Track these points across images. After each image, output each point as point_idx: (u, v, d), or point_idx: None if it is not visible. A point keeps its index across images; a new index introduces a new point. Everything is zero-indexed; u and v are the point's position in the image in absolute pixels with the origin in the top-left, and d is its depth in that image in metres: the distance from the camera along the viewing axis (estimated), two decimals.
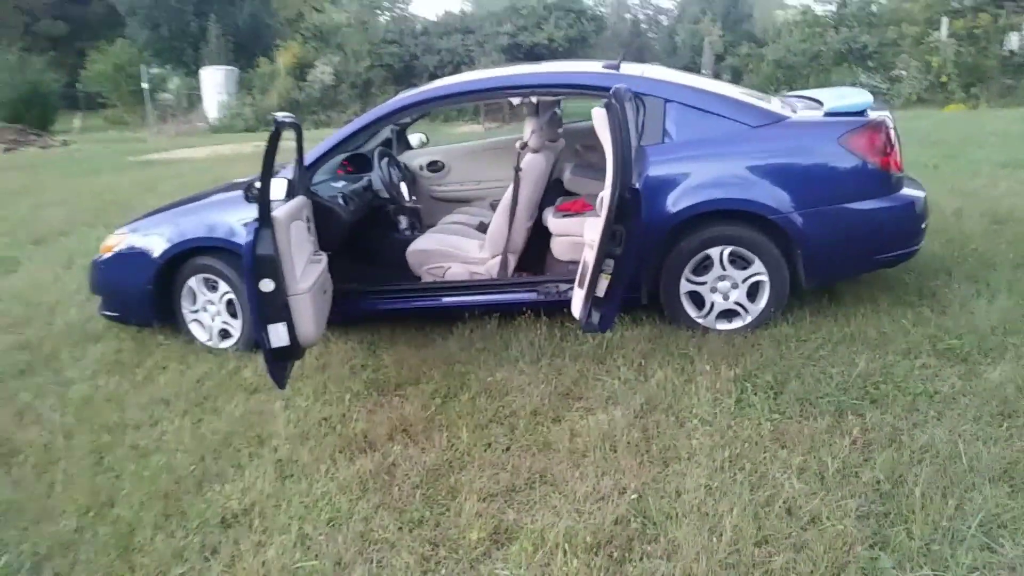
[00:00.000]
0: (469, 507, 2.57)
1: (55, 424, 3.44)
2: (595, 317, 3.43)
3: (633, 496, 2.54)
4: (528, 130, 4.15)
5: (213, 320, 4.24)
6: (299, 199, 3.71)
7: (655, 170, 3.84)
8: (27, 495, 2.87)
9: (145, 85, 23.72)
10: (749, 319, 3.93)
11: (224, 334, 4.24)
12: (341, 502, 2.66)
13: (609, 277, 3.37)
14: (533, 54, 21.27)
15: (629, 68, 4.24)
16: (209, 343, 4.25)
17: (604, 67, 4.19)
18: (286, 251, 3.17)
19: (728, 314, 3.95)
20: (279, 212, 3.21)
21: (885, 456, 2.65)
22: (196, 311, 4.28)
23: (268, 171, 3.04)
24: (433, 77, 13.38)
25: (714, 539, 2.30)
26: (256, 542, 2.47)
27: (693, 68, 19.58)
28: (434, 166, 5.47)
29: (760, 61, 19.09)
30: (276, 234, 3.10)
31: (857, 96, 4.07)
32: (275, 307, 3.12)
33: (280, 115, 3.10)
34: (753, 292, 3.91)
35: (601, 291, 3.38)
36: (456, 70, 19.02)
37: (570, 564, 2.24)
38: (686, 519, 2.41)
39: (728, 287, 3.92)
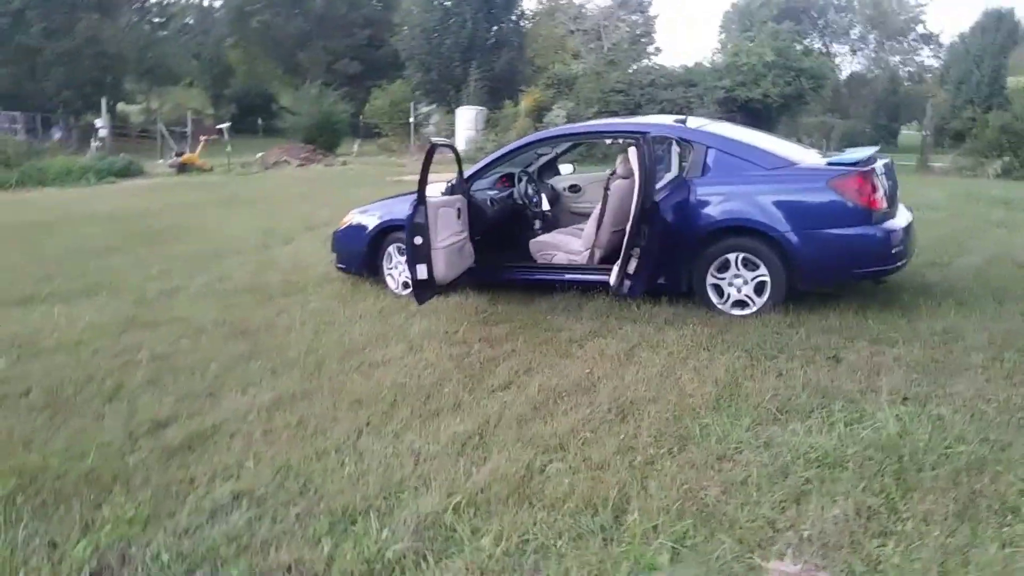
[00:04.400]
0: (504, 370, 4.45)
1: (295, 318, 5.77)
2: (625, 286, 5.18)
3: (586, 371, 4.30)
4: (618, 163, 5.94)
5: (399, 276, 6.42)
6: (455, 197, 5.80)
7: (695, 194, 5.49)
8: (269, 345, 5.16)
9: (412, 120, 27.88)
10: (755, 308, 5.41)
11: (405, 285, 6.40)
12: (441, 359, 4.65)
13: (637, 260, 5.12)
14: (747, 108, 22.47)
15: (693, 122, 5.92)
16: (396, 290, 6.43)
17: (674, 121, 5.91)
18: (433, 222, 5.24)
19: (741, 304, 5.46)
20: (431, 198, 5.31)
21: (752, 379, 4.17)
22: (391, 268, 6.50)
23: (425, 173, 5.13)
24: None
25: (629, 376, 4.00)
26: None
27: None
28: (574, 188, 7.37)
29: (985, 126, 18.84)
30: (428, 211, 5.18)
31: (858, 153, 5.46)
32: (422, 254, 5.19)
33: (435, 138, 5.20)
34: (760, 289, 5.40)
35: (631, 268, 5.13)
36: None
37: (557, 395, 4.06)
38: (606, 384, 4.11)
39: (741, 283, 5.44)
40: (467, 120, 25.82)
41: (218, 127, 29.24)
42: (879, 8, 52.45)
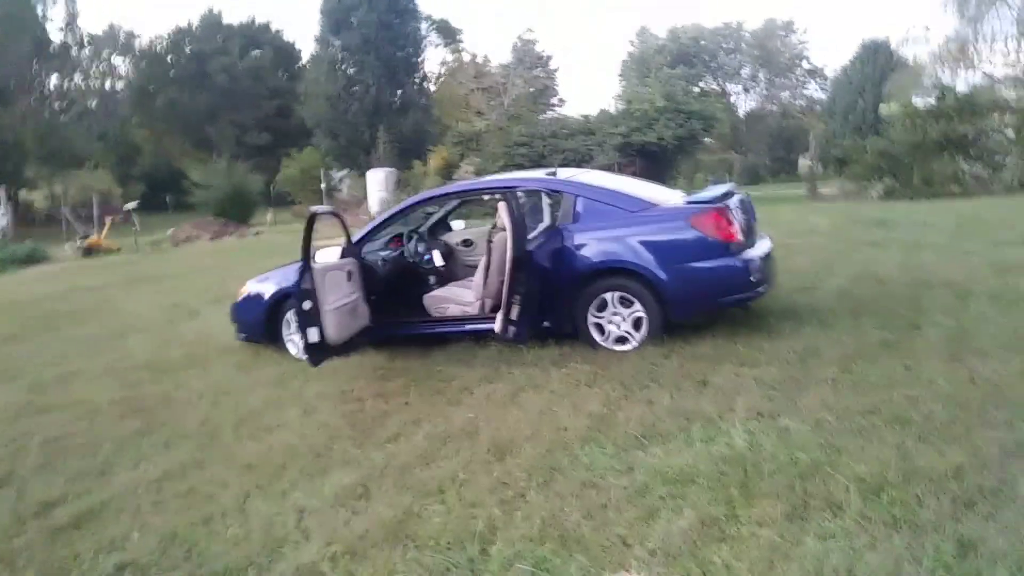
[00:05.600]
0: (394, 423, 4.64)
1: (194, 390, 5.84)
2: (510, 332, 5.45)
3: (471, 416, 4.53)
4: (499, 216, 6.27)
5: (299, 340, 6.55)
6: (345, 260, 6.02)
7: (569, 240, 5.84)
8: (165, 419, 5.23)
9: (323, 185, 28.07)
10: (635, 343, 5.74)
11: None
12: (334, 418, 4.80)
13: (518, 306, 5.41)
14: (644, 152, 23.47)
15: (563, 173, 6.32)
16: (297, 354, 6.55)
17: (546, 174, 6.29)
18: (320, 286, 5.43)
19: (622, 339, 5.79)
20: (317, 264, 5.51)
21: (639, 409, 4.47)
22: (291, 334, 6.63)
23: (307, 241, 5.34)
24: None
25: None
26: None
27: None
28: (467, 243, 7.67)
29: (863, 152, 20.15)
30: (314, 276, 5.37)
31: (713, 191, 5.93)
32: (312, 318, 5.37)
33: (316, 208, 5.44)
34: (638, 324, 5.75)
35: (514, 315, 5.41)
36: (578, 166, 21.43)
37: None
38: (488, 427, 4.35)
39: (620, 320, 5.78)
40: (378, 182, 26.13)
41: (125, 207, 28.79)
42: (765, 48, 55.47)
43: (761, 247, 6.02)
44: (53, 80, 51.38)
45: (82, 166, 49.42)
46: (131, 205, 27.54)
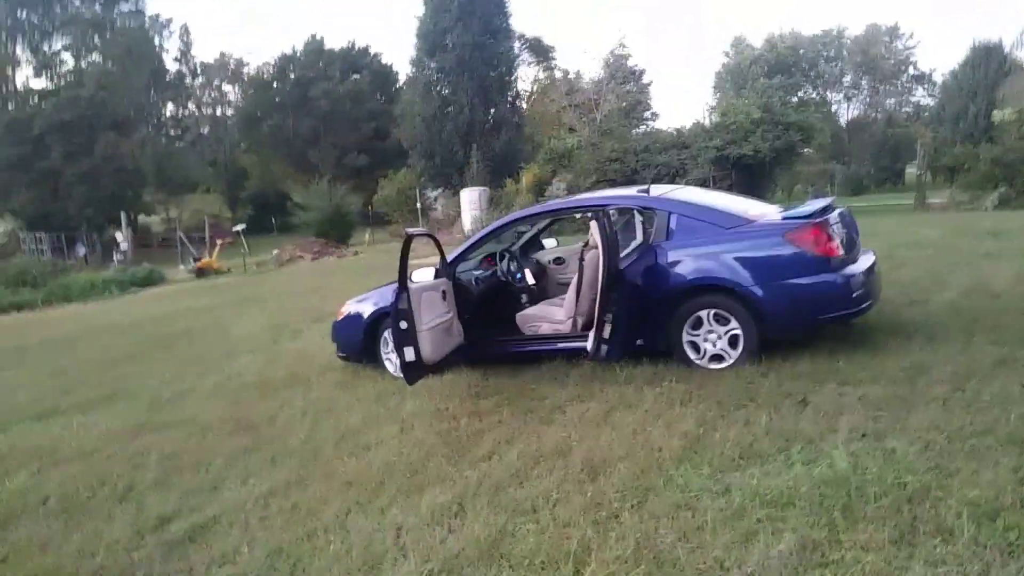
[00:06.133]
0: (487, 441, 4.69)
1: (297, 408, 6.07)
2: (603, 351, 5.44)
3: (563, 435, 4.53)
4: (591, 234, 6.28)
5: (396, 359, 6.74)
6: (439, 280, 6.15)
7: (662, 258, 5.80)
8: (271, 437, 5.45)
9: (419, 205, 28.75)
10: (731, 361, 5.63)
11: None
12: (429, 436, 4.91)
13: (611, 325, 5.40)
14: (740, 164, 22.96)
15: (655, 189, 6.28)
16: (394, 373, 6.72)
17: (638, 191, 6.27)
18: (416, 306, 5.57)
19: (717, 358, 5.69)
20: (414, 284, 5.65)
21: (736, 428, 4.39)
22: (388, 353, 6.81)
23: (404, 262, 5.48)
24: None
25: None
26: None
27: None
28: (558, 260, 7.71)
29: (976, 160, 19.15)
30: (410, 296, 5.51)
31: (812, 206, 5.76)
32: (408, 338, 5.50)
33: (411, 229, 5.58)
34: (734, 342, 5.64)
35: (606, 333, 5.41)
36: (672, 181, 21.20)
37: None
38: (581, 446, 4.34)
39: (715, 338, 5.69)
40: (471, 201, 26.53)
41: (234, 229, 30.24)
42: (867, 54, 53.58)
43: (864, 262, 5.81)
44: (169, 108, 54.65)
45: (195, 191, 52.39)
46: (239, 227, 28.90)
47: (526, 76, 46.75)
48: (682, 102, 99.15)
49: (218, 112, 58.64)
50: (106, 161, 40.44)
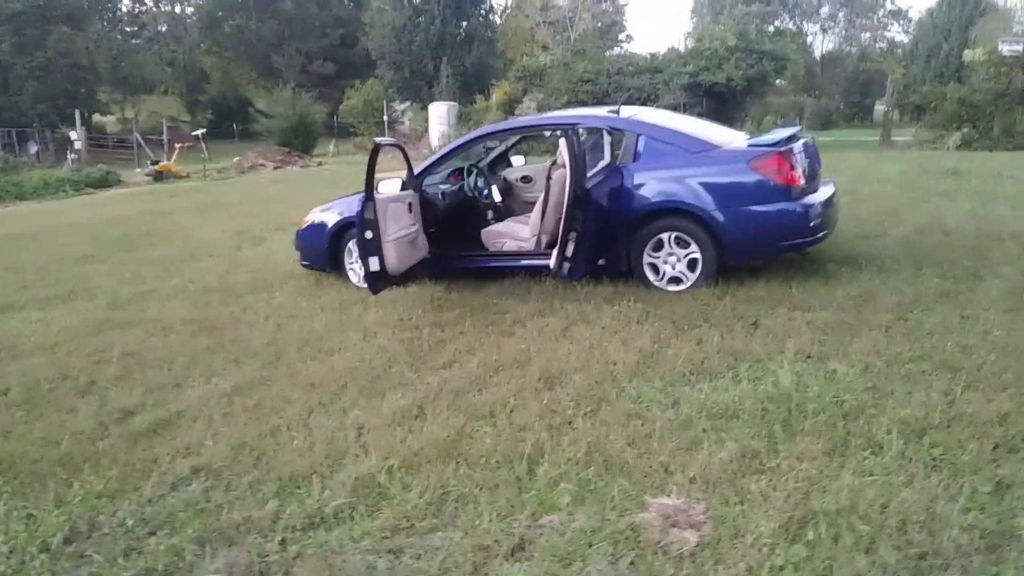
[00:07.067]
0: (449, 350, 4.81)
1: (260, 313, 6.12)
2: (565, 268, 5.55)
3: (523, 346, 4.67)
4: (559, 153, 6.30)
5: (360, 269, 6.77)
6: (406, 192, 6.15)
7: (628, 180, 5.86)
8: (234, 339, 5.51)
9: (386, 118, 28.24)
10: (689, 283, 5.79)
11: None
12: (392, 344, 5.01)
13: (574, 244, 5.49)
14: (712, 92, 22.89)
15: (626, 111, 6.29)
16: (358, 283, 6.76)
17: (608, 111, 6.27)
18: (382, 217, 5.59)
19: (676, 280, 5.83)
20: (380, 195, 5.66)
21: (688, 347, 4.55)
22: (352, 262, 6.83)
23: (371, 172, 5.48)
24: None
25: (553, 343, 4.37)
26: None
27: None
28: (526, 179, 7.73)
29: (943, 99, 19.31)
30: (376, 206, 5.53)
31: (777, 134, 5.84)
32: (373, 247, 5.54)
33: (380, 139, 5.56)
34: (692, 265, 5.78)
35: (569, 252, 5.50)
36: (643, 104, 21.07)
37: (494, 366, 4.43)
38: (539, 358, 4.49)
39: (675, 261, 5.82)
40: (439, 115, 26.14)
41: (193, 133, 29.46)
42: None
43: (823, 193, 5.95)
44: (125, 3, 52.24)
45: (152, 92, 50.57)
46: (199, 132, 28.16)
47: None
48: (659, 26, 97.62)
49: (176, 9, 56.20)
50: (59, 56, 38.73)
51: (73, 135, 30.92)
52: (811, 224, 5.62)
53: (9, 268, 8.91)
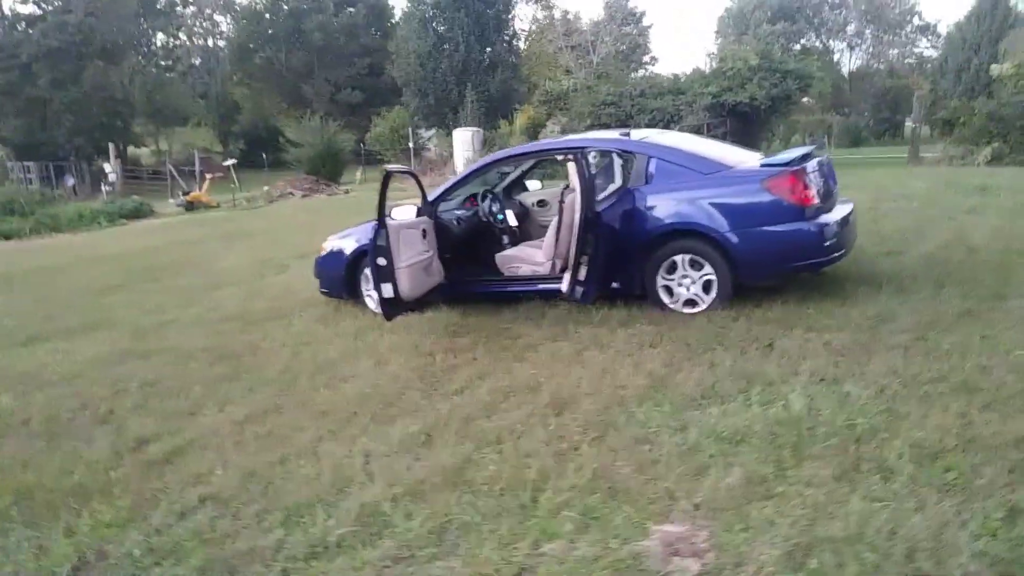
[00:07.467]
0: (461, 376, 4.81)
1: (277, 340, 6.18)
2: (577, 292, 5.54)
3: (533, 372, 4.65)
4: (571, 177, 6.32)
5: (375, 296, 6.82)
6: (420, 219, 6.19)
7: (640, 202, 5.85)
8: (250, 366, 5.56)
9: (411, 144, 28.52)
10: (704, 306, 5.74)
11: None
12: (405, 370, 5.03)
13: (586, 267, 5.48)
14: (735, 112, 22.82)
15: (636, 133, 6.30)
16: (375, 309, 6.80)
17: (620, 134, 6.29)
18: (395, 243, 5.63)
19: (691, 302, 5.79)
20: (392, 222, 5.70)
21: (699, 371, 4.51)
22: (369, 289, 6.88)
23: (382, 199, 5.53)
24: None
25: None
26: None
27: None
28: (541, 203, 7.74)
29: (971, 115, 19.02)
30: (388, 233, 5.57)
31: (791, 154, 5.80)
32: (386, 274, 5.58)
33: (390, 166, 5.61)
34: (707, 287, 5.74)
35: (581, 275, 5.50)
36: (667, 127, 21.06)
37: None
38: (550, 383, 4.47)
39: (689, 283, 5.78)
40: (464, 141, 26.29)
41: (224, 164, 29.97)
42: (873, 3, 52.70)
43: (839, 211, 5.88)
44: (159, 38, 53.49)
45: (185, 123, 51.60)
46: (230, 162, 28.65)
47: (524, 15, 46.04)
48: (684, 48, 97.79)
49: (209, 43, 57.49)
50: (95, 90, 39.79)
51: (107, 167, 31.58)
52: (826, 244, 5.55)
53: (39, 299, 9.11)
